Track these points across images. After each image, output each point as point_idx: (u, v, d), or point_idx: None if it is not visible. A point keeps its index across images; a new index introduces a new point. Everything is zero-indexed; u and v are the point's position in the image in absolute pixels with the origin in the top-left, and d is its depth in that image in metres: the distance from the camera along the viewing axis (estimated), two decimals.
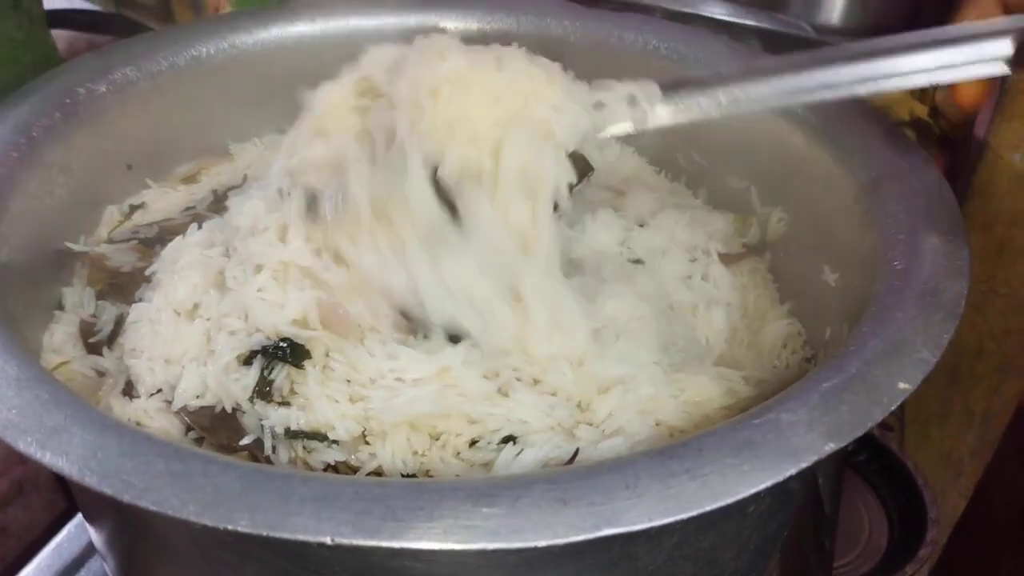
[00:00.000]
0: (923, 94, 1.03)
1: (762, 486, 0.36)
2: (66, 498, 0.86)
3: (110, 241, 0.64)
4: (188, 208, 0.68)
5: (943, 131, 1.00)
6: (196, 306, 0.56)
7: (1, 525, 0.81)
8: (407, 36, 0.79)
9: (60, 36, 0.79)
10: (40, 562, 0.73)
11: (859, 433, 0.39)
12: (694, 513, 0.35)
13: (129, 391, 0.54)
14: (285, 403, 0.51)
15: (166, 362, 0.54)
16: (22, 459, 0.83)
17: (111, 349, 0.57)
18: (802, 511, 0.62)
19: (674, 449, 0.38)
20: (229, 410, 0.51)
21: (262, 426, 0.50)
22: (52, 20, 0.79)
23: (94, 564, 0.72)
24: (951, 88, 0.90)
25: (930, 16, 1.14)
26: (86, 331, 0.58)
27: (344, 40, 0.79)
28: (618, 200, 0.70)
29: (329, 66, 0.79)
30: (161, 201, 0.69)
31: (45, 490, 0.86)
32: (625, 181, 0.73)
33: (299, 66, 0.78)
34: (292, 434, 0.49)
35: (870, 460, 0.92)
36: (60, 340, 0.58)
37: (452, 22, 0.81)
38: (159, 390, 0.53)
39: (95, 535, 0.58)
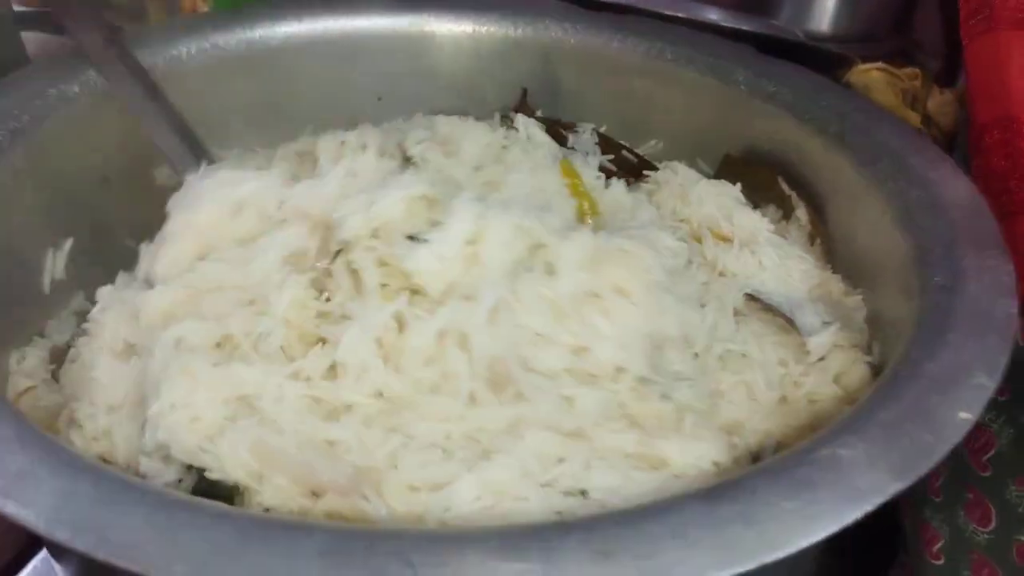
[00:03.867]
0: (915, 102, 1.02)
1: (824, 534, 0.33)
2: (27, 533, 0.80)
3: None
4: None
5: (935, 139, 0.98)
6: (129, 345, 0.50)
7: None
8: (398, 38, 0.78)
9: (29, 39, 0.74)
10: None
11: (925, 470, 0.35)
12: (752, 566, 0.31)
13: None
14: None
15: (109, 409, 0.47)
16: None
17: None
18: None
19: (723, 490, 0.34)
20: None
21: None
22: (20, 21, 0.75)
23: None
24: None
25: (918, 23, 1.13)
26: (57, 355, 0.53)
27: (333, 41, 0.75)
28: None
29: (317, 68, 0.76)
30: None
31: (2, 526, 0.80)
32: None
33: (286, 68, 0.74)
34: None
35: None
36: (32, 364, 0.53)
37: (445, 24, 0.78)
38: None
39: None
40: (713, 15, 0.88)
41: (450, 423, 0.44)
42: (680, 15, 0.85)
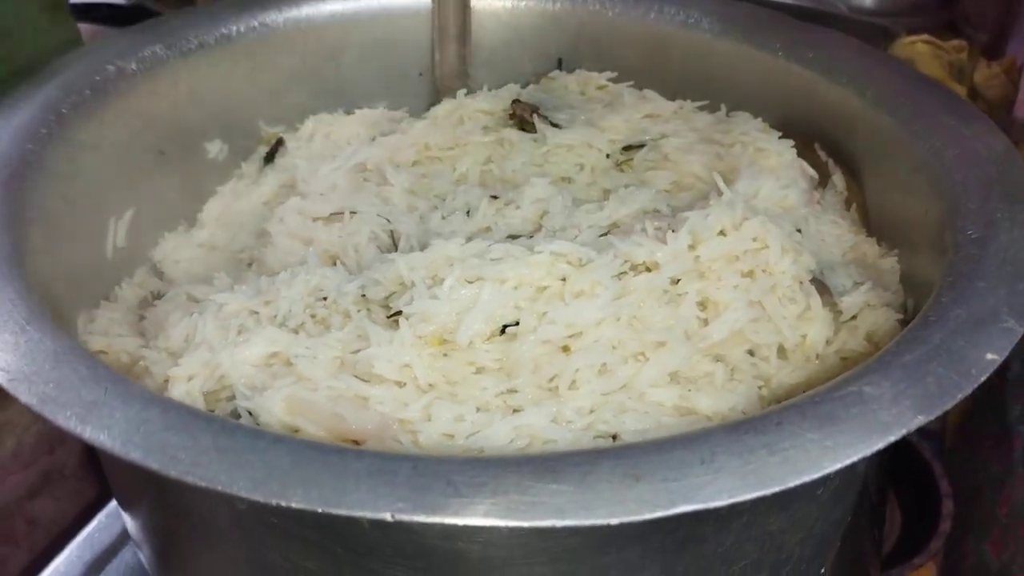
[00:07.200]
0: (961, 75, 1.00)
1: (847, 461, 0.34)
2: (94, 488, 0.85)
3: None
4: None
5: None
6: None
7: (29, 516, 0.80)
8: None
9: (82, 30, 0.77)
10: (71, 553, 0.72)
11: (948, 405, 0.36)
12: (776, 489, 0.33)
13: None
14: None
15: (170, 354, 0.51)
16: (49, 449, 0.83)
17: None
18: (860, 498, 0.59)
19: (750, 423, 0.36)
20: None
21: None
22: (75, 13, 0.78)
23: (127, 554, 0.70)
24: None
25: None
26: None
27: (376, 17, 0.77)
28: None
29: (361, 44, 0.78)
30: None
31: (72, 480, 0.84)
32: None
33: (330, 45, 0.77)
34: None
35: (885, 449, 0.88)
36: (103, 325, 0.56)
37: None
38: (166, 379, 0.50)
39: (130, 522, 0.57)
40: None
41: (487, 392, 0.46)
42: None
